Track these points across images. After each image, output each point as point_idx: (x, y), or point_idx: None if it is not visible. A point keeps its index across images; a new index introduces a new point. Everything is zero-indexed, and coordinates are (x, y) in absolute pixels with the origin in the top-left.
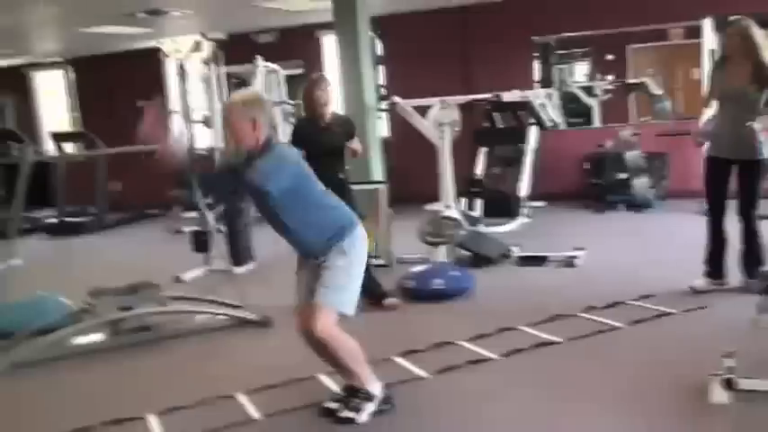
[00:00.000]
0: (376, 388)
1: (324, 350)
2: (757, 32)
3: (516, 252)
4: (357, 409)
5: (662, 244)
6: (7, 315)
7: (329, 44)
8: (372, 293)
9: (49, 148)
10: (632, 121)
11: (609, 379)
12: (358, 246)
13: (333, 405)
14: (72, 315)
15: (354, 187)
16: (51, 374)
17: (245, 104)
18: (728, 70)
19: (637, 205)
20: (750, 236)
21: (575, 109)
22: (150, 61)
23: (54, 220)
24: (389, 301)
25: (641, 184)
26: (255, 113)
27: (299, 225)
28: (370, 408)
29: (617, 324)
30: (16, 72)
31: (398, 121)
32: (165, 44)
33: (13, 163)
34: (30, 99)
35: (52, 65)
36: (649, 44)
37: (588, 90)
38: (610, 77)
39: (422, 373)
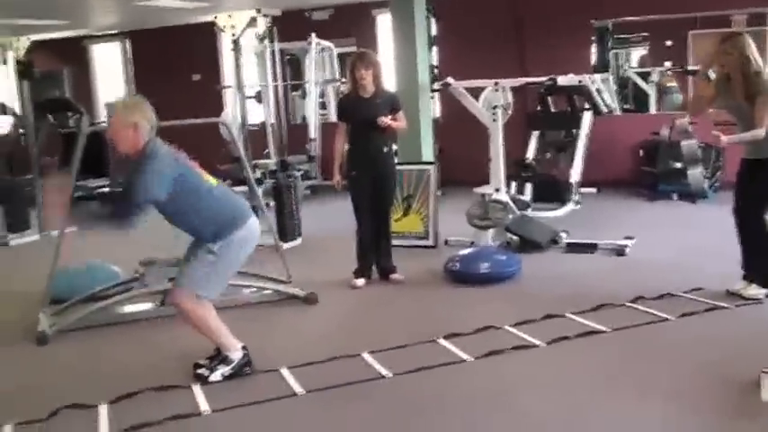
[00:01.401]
0: (236, 354)
1: (188, 321)
2: (753, 47)
3: (565, 238)
4: (212, 370)
5: (715, 236)
6: (62, 281)
7: (384, 23)
8: (382, 268)
9: (105, 118)
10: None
11: (655, 371)
12: (234, 247)
13: (201, 362)
14: (122, 283)
15: (404, 167)
16: (99, 340)
17: (126, 109)
18: (728, 85)
19: (690, 195)
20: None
21: (630, 95)
22: (205, 36)
23: (106, 190)
24: (395, 276)
25: (696, 174)
26: (136, 118)
27: (187, 224)
28: (225, 370)
29: (666, 316)
30: (75, 43)
31: (449, 103)
32: (221, 19)
33: (69, 132)
34: (87, 70)
35: (110, 37)
36: (711, 30)
37: (645, 76)
38: (668, 63)
39: (465, 356)
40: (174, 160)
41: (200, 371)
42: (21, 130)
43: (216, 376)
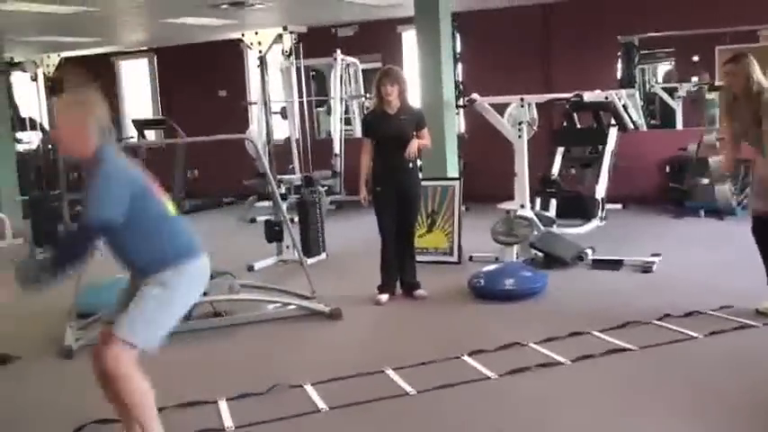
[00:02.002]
0: None
1: (110, 386)
2: (757, 68)
3: (590, 255)
4: None
5: (744, 253)
6: (88, 296)
7: (409, 39)
8: (406, 284)
9: (132, 134)
10: (717, 124)
11: (682, 391)
12: (185, 281)
13: None
14: None
15: (428, 183)
16: None
17: (72, 104)
18: (737, 108)
19: (718, 212)
20: None
21: (656, 110)
22: (231, 52)
23: None
24: (419, 292)
25: (724, 190)
26: (83, 116)
27: (133, 250)
28: None
29: (693, 334)
30: (103, 60)
31: (474, 118)
32: (248, 36)
33: None
34: (114, 86)
35: (137, 53)
36: (738, 45)
37: (671, 91)
38: (695, 79)
39: (489, 373)
40: (131, 173)
41: None
42: (49, 146)
43: None
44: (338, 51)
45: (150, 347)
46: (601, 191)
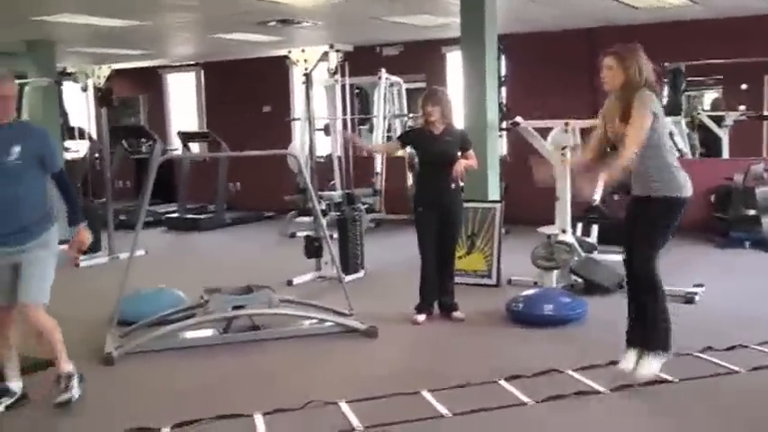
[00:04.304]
0: (71, 366)
1: (42, 340)
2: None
3: None
4: (69, 390)
5: None
6: (129, 304)
7: (453, 60)
8: (444, 305)
9: (177, 146)
10: (765, 154)
11: (721, 425)
12: (56, 239)
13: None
14: (187, 309)
15: (470, 204)
16: (163, 364)
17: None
18: None
19: (764, 244)
20: None
21: (701, 138)
22: (277, 68)
23: (175, 215)
24: (457, 314)
25: None
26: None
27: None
28: (77, 385)
29: (735, 368)
30: (151, 72)
31: (516, 141)
32: (294, 53)
33: (141, 158)
34: (161, 99)
35: (185, 67)
36: None
37: (718, 120)
38: (742, 107)
39: (526, 399)
40: None
41: (60, 398)
42: (96, 155)
43: (75, 394)
44: (383, 70)
45: (47, 300)
46: None
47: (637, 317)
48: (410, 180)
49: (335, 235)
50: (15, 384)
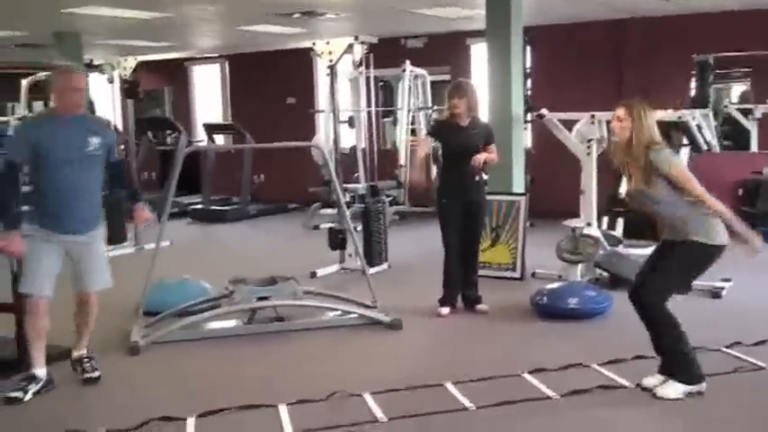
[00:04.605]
0: (42, 371)
1: (85, 310)
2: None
3: None
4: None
5: None
6: (155, 294)
7: (478, 52)
8: (467, 298)
9: (202, 138)
10: None
11: (745, 421)
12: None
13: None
14: (212, 299)
15: (494, 197)
16: (189, 354)
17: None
18: None
19: None
20: None
21: (729, 131)
22: (301, 60)
23: (200, 207)
24: (481, 306)
25: None
26: None
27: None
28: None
29: (762, 364)
30: (177, 64)
31: (541, 133)
32: (319, 45)
33: (167, 150)
34: (187, 90)
35: (210, 59)
36: None
37: (746, 112)
38: None
39: (550, 392)
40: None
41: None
42: (122, 146)
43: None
44: (407, 62)
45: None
46: None
47: (655, 348)
48: (434, 172)
49: (359, 227)
50: (41, 371)
